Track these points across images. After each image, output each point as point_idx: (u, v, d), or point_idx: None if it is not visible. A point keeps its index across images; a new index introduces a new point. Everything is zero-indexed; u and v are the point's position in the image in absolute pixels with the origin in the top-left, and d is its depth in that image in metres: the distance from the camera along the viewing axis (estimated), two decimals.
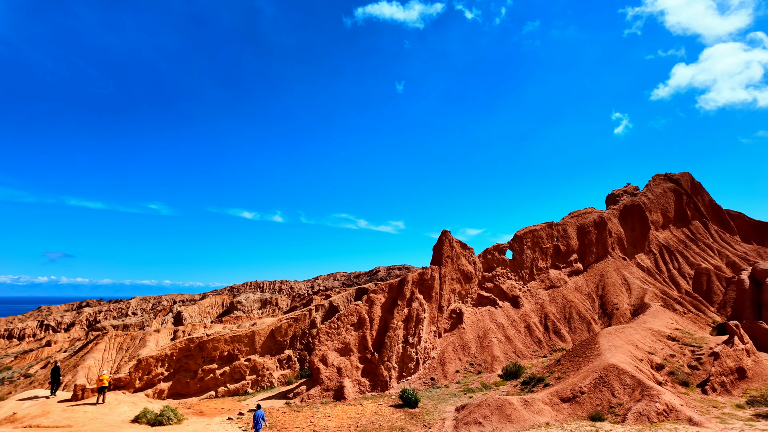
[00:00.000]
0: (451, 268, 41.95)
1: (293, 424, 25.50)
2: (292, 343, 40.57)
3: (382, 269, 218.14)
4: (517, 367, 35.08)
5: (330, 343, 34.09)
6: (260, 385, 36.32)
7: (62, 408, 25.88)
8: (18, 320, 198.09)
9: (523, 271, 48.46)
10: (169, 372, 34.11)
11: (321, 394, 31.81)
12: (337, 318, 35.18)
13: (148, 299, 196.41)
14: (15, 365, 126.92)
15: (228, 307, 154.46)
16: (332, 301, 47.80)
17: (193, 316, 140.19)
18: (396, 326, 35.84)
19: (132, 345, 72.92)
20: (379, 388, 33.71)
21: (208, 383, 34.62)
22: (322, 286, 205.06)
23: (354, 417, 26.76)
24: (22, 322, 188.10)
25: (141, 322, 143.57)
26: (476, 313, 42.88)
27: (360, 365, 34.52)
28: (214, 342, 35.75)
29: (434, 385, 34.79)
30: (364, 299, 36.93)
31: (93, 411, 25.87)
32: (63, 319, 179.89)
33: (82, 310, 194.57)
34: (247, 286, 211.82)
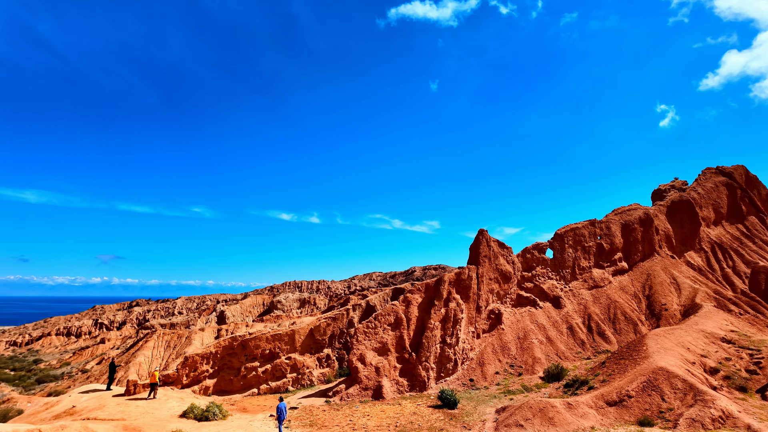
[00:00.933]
0: (489, 268, 41.33)
1: (333, 422, 25.84)
2: (330, 342, 41.12)
3: (417, 269, 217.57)
4: (559, 369, 34.14)
5: (368, 342, 34.33)
6: (300, 383, 37.01)
7: (116, 402, 27.31)
8: (75, 319, 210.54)
9: (565, 271, 47.11)
10: (214, 369, 35.33)
11: (360, 393, 32.08)
12: (374, 318, 35.38)
13: (193, 299, 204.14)
14: (73, 361, 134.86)
15: (268, 307, 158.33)
16: (369, 300, 48.10)
17: (235, 315, 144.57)
18: (433, 326, 35.66)
19: (179, 343, 75.95)
20: (418, 389, 33.64)
21: (251, 381, 35.60)
22: (358, 286, 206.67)
23: (393, 417, 26.83)
24: (79, 321, 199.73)
25: (187, 321, 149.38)
26: (516, 314, 42.05)
27: (398, 365, 34.58)
28: (256, 340, 36.73)
29: (473, 386, 34.39)
30: (400, 299, 36.98)
31: (144, 405, 27.14)
32: (115, 318, 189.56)
33: (133, 309, 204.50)
34: (286, 286, 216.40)
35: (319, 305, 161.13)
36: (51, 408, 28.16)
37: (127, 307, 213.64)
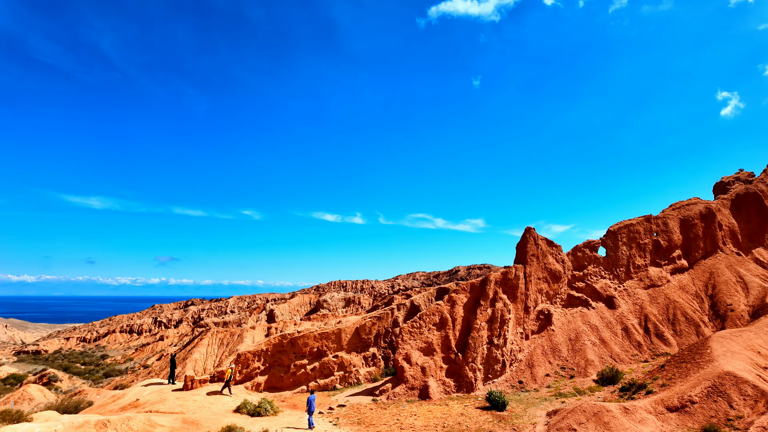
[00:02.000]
0: (537, 267, 40.21)
1: (380, 421, 26.03)
2: (376, 341, 41.42)
3: (461, 269, 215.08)
4: (614, 372, 32.70)
5: (413, 342, 34.32)
6: (348, 381, 37.54)
7: (176, 396, 28.79)
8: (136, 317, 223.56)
9: (619, 270, 45.05)
10: (265, 366, 36.49)
11: (406, 393, 32.12)
12: (419, 317, 35.32)
13: (244, 298, 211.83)
14: (135, 356, 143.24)
15: (315, 306, 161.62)
16: (413, 300, 48.05)
17: (283, 314, 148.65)
18: (479, 327, 35.14)
19: (231, 341, 78.95)
20: (465, 389, 33.27)
21: (300, 378, 36.49)
22: (401, 286, 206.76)
23: (440, 417, 26.68)
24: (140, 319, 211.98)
25: (238, 320, 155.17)
26: (566, 315, 40.67)
27: (444, 365, 34.34)
28: (304, 338, 37.60)
29: (522, 388, 33.59)
30: (445, 299, 36.69)
31: (201, 400, 28.45)
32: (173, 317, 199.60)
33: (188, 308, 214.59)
34: (331, 286, 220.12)
35: (363, 304, 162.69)
36: (117, 400, 30.09)
37: (183, 306, 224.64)
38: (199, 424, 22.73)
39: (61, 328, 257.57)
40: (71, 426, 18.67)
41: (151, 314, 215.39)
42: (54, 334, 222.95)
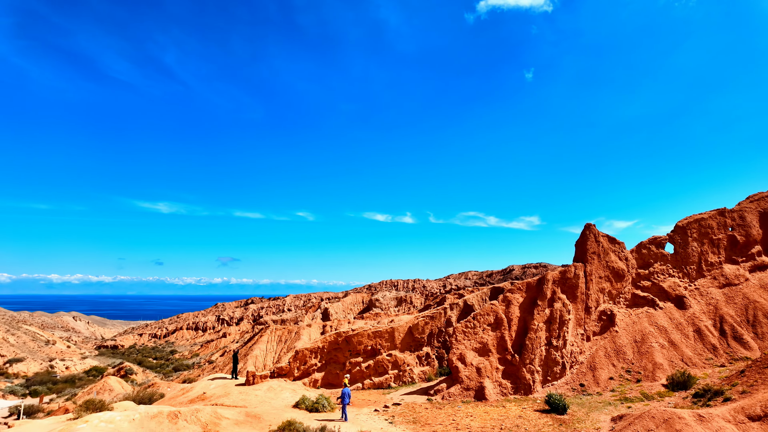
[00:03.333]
0: (598, 266, 38.40)
1: (436, 421, 25.92)
2: (429, 341, 41.27)
3: (516, 267, 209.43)
4: (686, 377, 30.58)
5: (467, 342, 33.88)
6: (402, 380, 37.69)
7: (239, 390, 30.18)
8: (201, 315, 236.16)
9: (689, 267, 42.05)
10: (322, 363, 37.42)
11: (461, 393, 31.77)
12: (472, 317, 34.81)
13: (300, 297, 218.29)
14: (201, 352, 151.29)
15: (367, 305, 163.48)
16: (467, 300, 47.39)
17: (337, 312, 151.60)
18: (537, 327, 34.08)
19: (289, 338, 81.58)
20: (522, 391, 32.40)
21: (355, 375, 37.08)
22: (453, 285, 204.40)
23: (497, 419, 26.16)
24: (204, 317, 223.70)
25: (295, 318, 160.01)
26: (631, 315, 38.53)
27: (500, 366, 33.63)
28: (358, 337, 38.17)
29: (584, 391, 32.21)
30: (500, 299, 35.91)
31: (262, 394, 29.65)
32: (234, 314, 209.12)
33: (248, 306, 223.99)
34: (383, 285, 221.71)
35: (415, 304, 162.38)
36: (186, 393, 31.99)
37: (243, 305, 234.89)
38: (261, 418, 23.69)
39: (134, 324, 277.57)
40: (147, 416, 20.09)
41: (215, 312, 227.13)
42: (129, 331, 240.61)
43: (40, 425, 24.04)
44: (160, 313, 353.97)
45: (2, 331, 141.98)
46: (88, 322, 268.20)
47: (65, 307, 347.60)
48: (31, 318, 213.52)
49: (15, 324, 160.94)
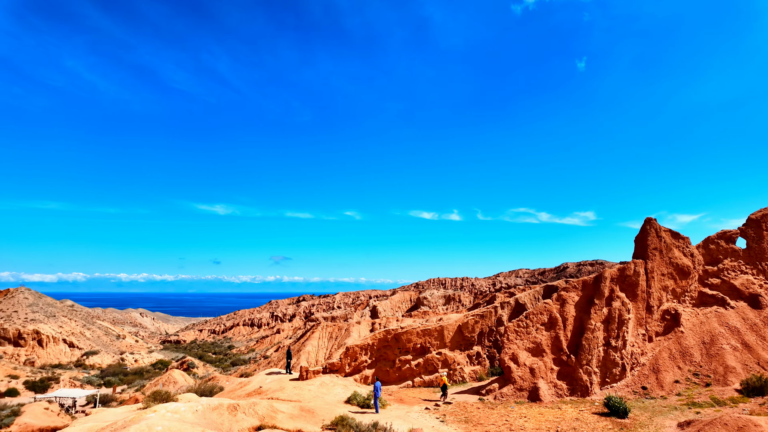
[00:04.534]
0: (661, 262, 36.25)
1: (488, 421, 25.52)
2: (479, 340, 40.66)
3: (570, 265, 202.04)
4: (763, 382, 28.24)
5: (520, 342, 33.06)
6: (452, 379, 37.38)
7: (293, 385, 31.10)
8: (256, 312, 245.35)
9: (764, 263, 38.77)
10: (372, 360, 37.83)
11: (514, 394, 31.07)
12: (525, 316, 33.91)
13: (348, 294, 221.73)
14: (256, 347, 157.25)
15: (415, 303, 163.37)
16: (518, 298, 46.24)
17: (386, 310, 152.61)
18: (594, 327, 32.69)
19: (339, 335, 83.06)
20: (579, 393, 31.21)
21: (405, 373, 37.21)
22: (503, 284, 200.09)
23: (552, 421, 25.37)
24: (259, 313, 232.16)
25: (344, 315, 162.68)
26: (698, 315, 36.09)
27: (554, 367, 32.56)
28: (408, 334, 38.24)
29: (647, 395, 30.56)
30: (554, 297, 34.75)
31: (315, 390, 30.39)
32: (287, 311, 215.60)
33: (300, 303, 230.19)
34: (430, 283, 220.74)
35: (464, 302, 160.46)
36: (244, 387, 33.38)
37: (295, 302, 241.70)
38: (314, 413, 24.31)
39: (195, 321, 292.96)
40: (209, 407, 21.16)
41: (269, 309, 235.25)
42: (190, 327, 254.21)
43: (114, 413, 25.93)
44: (218, 310, 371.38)
45: (80, 326, 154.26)
46: (153, 318, 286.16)
47: (133, 304, 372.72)
48: (103, 314, 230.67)
49: (90, 319, 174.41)
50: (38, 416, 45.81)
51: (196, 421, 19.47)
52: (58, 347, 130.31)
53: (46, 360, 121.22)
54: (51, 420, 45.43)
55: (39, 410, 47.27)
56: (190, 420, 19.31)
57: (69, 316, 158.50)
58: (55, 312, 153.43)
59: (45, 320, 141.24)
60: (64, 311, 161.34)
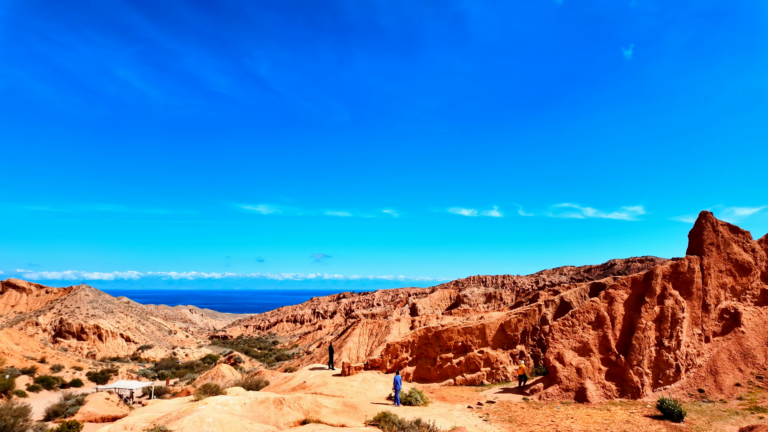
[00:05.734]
0: (718, 258, 34.20)
1: (533, 421, 24.99)
2: (523, 339, 39.83)
3: (618, 262, 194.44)
4: None
5: (565, 341, 32.13)
6: (495, 378, 36.85)
7: (336, 381, 31.62)
8: (299, 308, 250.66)
9: None
10: (412, 358, 37.87)
11: (560, 394, 30.25)
12: (571, 315, 32.90)
13: (388, 292, 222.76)
14: (299, 343, 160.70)
15: (455, 301, 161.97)
16: (563, 296, 44.90)
17: (425, 308, 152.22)
18: (645, 327, 31.29)
19: (379, 331, 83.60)
20: (629, 395, 30.00)
21: (446, 371, 37.01)
22: (547, 281, 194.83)
23: (601, 423, 24.52)
24: (301, 310, 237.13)
25: (384, 312, 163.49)
26: (761, 314, 33.80)
27: (602, 367, 31.42)
28: (448, 332, 38.00)
29: (704, 398, 28.96)
30: (601, 295, 33.51)
31: (357, 385, 30.76)
32: (328, 308, 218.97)
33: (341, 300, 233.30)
34: (470, 281, 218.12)
35: (505, 300, 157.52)
36: (288, 382, 34.26)
37: (336, 299, 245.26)
38: (357, 408, 24.63)
39: (241, 317, 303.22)
40: (256, 401, 21.89)
41: (310, 306, 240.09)
42: (236, 323, 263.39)
43: (168, 404, 27.27)
44: (263, 307, 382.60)
45: (135, 321, 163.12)
46: (201, 314, 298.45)
47: (183, 301, 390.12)
48: (156, 310, 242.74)
49: (144, 315, 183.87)
50: (100, 406, 48.93)
51: (244, 414, 20.19)
52: (116, 341, 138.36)
53: (105, 353, 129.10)
54: (111, 409, 48.41)
55: (101, 400, 50.48)
56: (238, 413, 20.06)
57: (125, 312, 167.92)
58: (112, 308, 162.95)
59: (104, 316, 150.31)
60: (120, 307, 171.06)
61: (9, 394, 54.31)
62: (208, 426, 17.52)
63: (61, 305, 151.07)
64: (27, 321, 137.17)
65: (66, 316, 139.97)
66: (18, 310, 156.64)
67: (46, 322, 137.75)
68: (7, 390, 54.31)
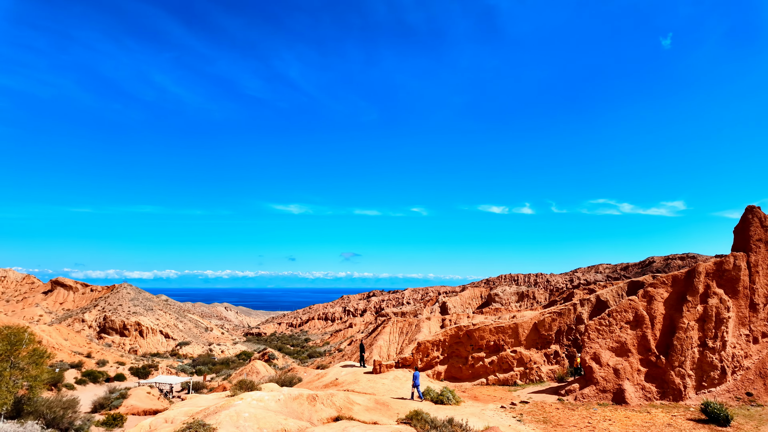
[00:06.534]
0: (767, 255, 32.45)
1: (569, 422, 24.43)
2: (557, 338, 38.98)
3: (657, 259, 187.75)
4: None
5: (602, 341, 31.23)
6: (528, 378, 36.22)
7: (367, 378, 31.82)
8: (329, 306, 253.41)
9: None
10: (444, 356, 37.67)
11: (597, 395, 29.44)
12: (608, 314, 31.95)
13: (417, 290, 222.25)
14: (331, 341, 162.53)
15: (486, 299, 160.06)
16: (599, 295, 43.64)
17: (456, 306, 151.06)
18: (687, 327, 30.04)
19: (409, 330, 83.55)
20: (670, 397, 28.88)
21: (478, 370, 36.63)
22: (582, 280, 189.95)
23: (641, 426, 23.72)
24: (332, 308, 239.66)
25: (414, 311, 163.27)
26: None
27: (641, 368, 30.38)
28: (480, 331, 37.60)
29: (752, 402, 27.57)
30: (640, 294, 32.38)
31: (388, 384, 30.86)
32: (358, 306, 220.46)
33: (370, 299, 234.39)
34: (502, 279, 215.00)
35: (538, 299, 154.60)
36: (321, 378, 34.71)
37: (366, 297, 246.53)
38: (389, 406, 24.72)
39: (274, 314, 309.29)
40: (290, 396, 22.30)
41: (341, 304, 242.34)
42: (269, 320, 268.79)
43: (205, 399, 28.14)
44: (295, 305, 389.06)
45: (173, 318, 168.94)
46: (236, 312, 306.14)
47: (218, 299, 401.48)
48: (193, 308, 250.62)
49: (182, 313, 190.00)
50: (142, 399, 50.99)
51: (279, 410, 20.60)
52: (156, 338, 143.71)
53: (146, 349, 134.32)
54: (152, 403, 50.38)
55: (142, 394, 52.59)
56: (273, 408, 20.48)
57: (164, 309, 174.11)
58: (152, 306, 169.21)
59: (144, 313, 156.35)
60: (159, 305, 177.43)
61: (59, 387, 57.36)
62: (244, 421, 17.97)
63: (104, 303, 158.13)
64: (74, 318, 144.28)
65: (109, 314, 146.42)
66: (66, 307, 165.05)
67: (91, 318, 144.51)
68: (57, 383, 57.34)
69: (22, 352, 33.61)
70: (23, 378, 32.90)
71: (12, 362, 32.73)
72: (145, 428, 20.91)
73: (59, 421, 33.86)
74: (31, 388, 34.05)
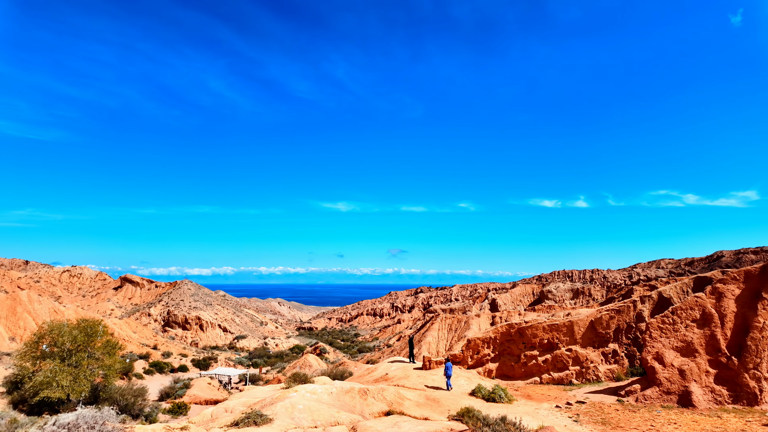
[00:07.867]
0: None
1: (630, 425, 23.34)
2: (616, 337, 37.26)
3: (726, 253, 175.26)
4: None
5: (665, 340, 29.53)
6: (585, 377, 34.91)
7: (417, 374, 31.90)
8: (378, 302, 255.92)
9: None
10: (495, 354, 37.05)
11: (660, 397, 27.89)
12: (671, 312, 30.15)
13: (465, 287, 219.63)
14: (380, 336, 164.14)
15: (538, 296, 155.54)
16: (662, 292, 41.23)
17: (506, 304, 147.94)
18: (763, 326, 27.78)
19: (458, 327, 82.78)
20: (744, 402, 26.84)
21: (531, 369, 35.73)
22: (642, 276, 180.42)
23: (710, 431, 22.25)
24: (380, 304, 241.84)
25: (462, 307, 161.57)
26: None
27: (710, 369, 28.43)
28: (533, 329, 36.65)
29: None
30: (708, 290, 30.28)
31: (438, 380, 30.79)
32: (406, 302, 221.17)
33: (418, 295, 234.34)
34: (555, 276, 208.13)
35: (594, 296, 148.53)
36: (371, 373, 35.16)
37: (414, 294, 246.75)
38: (440, 402, 24.68)
39: (324, 310, 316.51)
40: (342, 390, 22.79)
41: (389, 300, 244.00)
42: (320, 315, 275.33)
43: (262, 391, 29.32)
44: (344, 300, 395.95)
45: (230, 313, 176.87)
46: (289, 307, 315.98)
47: (272, 294, 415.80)
48: (248, 303, 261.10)
49: (238, 308, 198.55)
50: (203, 389, 53.85)
51: (331, 403, 21.11)
52: (215, 331, 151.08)
53: (206, 342, 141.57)
54: (213, 394, 53.08)
55: (204, 384, 55.54)
56: (326, 401, 21.02)
57: (222, 304, 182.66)
58: (211, 301, 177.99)
59: (204, 308, 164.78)
60: (218, 300, 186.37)
61: (129, 376, 61.78)
62: (298, 412, 18.58)
63: (168, 298, 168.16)
64: (141, 312, 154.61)
65: (172, 308, 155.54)
66: (134, 302, 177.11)
67: (156, 313, 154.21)
68: (127, 372, 61.79)
69: (97, 344, 36.46)
70: (99, 367, 35.69)
71: (89, 352, 35.60)
72: (208, 417, 22.11)
73: (131, 408, 36.44)
74: (105, 377, 36.89)
